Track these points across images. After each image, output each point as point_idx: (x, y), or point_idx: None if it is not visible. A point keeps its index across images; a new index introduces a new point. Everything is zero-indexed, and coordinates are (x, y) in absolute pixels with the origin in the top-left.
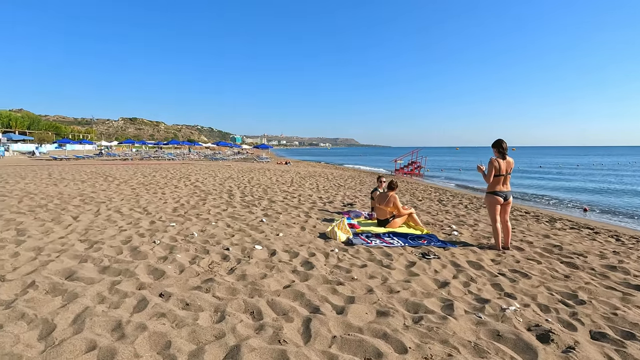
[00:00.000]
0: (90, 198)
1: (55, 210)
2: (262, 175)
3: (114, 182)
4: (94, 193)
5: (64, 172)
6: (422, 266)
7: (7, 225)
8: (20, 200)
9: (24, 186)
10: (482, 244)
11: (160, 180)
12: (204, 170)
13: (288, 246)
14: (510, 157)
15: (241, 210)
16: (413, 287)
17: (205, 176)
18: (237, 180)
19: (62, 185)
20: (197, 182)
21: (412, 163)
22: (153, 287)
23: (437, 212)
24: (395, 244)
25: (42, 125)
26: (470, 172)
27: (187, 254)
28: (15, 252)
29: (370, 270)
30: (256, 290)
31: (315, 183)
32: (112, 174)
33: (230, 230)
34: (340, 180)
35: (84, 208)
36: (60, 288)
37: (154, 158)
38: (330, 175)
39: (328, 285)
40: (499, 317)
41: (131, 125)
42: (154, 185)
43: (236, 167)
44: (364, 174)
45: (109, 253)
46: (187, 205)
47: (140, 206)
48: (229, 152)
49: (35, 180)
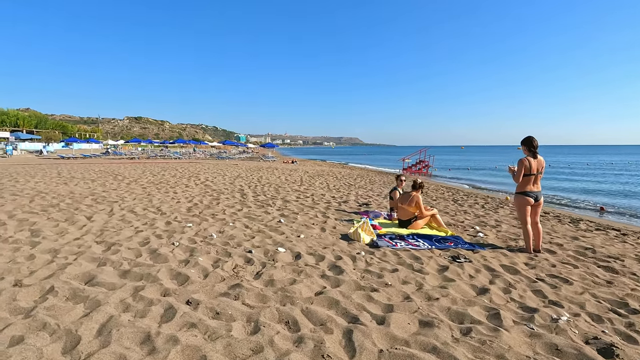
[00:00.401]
0: (102, 197)
1: (68, 210)
2: (270, 175)
3: (124, 181)
4: (105, 192)
5: (73, 171)
6: (456, 270)
7: (20, 225)
8: (32, 199)
9: (35, 185)
10: (510, 246)
11: (170, 179)
12: (212, 169)
13: (311, 248)
14: (541, 156)
15: (257, 210)
16: (452, 294)
17: (214, 175)
18: (247, 179)
19: (72, 184)
20: (207, 181)
21: (420, 162)
22: (179, 294)
23: (455, 213)
24: (422, 247)
25: (49, 124)
26: (480, 172)
27: (209, 257)
28: (31, 255)
29: (403, 275)
30: (287, 297)
31: (325, 182)
32: (121, 173)
33: (250, 232)
34: (350, 179)
35: (96, 208)
36: (81, 294)
37: (161, 157)
38: (339, 174)
39: (362, 291)
40: (551, 328)
41: (136, 124)
42: (164, 184)
43: (243, 166)
44: (372, 173)
45: (128, 256)
46: (200, 205)
47: (154, 206)
48: (234, 151)
49: (45, 179)
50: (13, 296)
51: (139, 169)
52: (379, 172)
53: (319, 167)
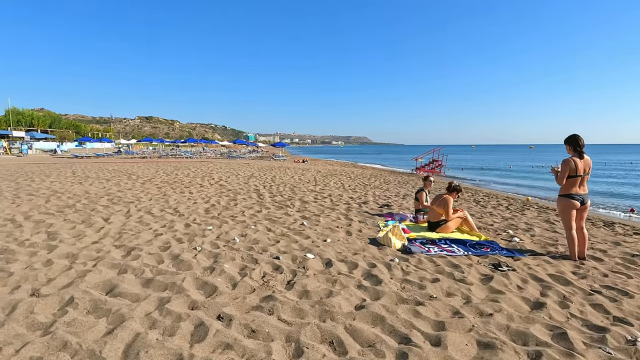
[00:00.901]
0: (118, 198)
1: (84, 211)
2: (283, 174)
3: (138, 181)
4: (121, 192)
5: (87, 170)
6: (501, 280)
7: (37, 227)
8: (48, 199)
9: (50, 185)
10: (551, 252)
11: (183, 179)
12: (224, 169)
13: (341, 254)
14: (588, 156)
15: (276, 211)
16: (505, 309)
17: (227, 174)
18: (261, 179)
19: (87, 183)
20: (221, 180)
21: (433, 161)
22: (208, 307)
23: (480, 215)
24: (458, 253)
25: (62, 124)
26: (494, 172)
27: (235, 264)
28: (48, 260)
29: (445, 285)
30: (326, 312)
31: (340, 182)
32: (134, 172)
33: (273, 235)
34: (363, 179)
35: (113, 209)
36: (103, 307)
37: (172, 156)
38: (352, 174)
39: (406, 305)
40: (630, 353)
41: (147, 123)
42: (179, 184)
43: (255, 165)
44: (384, 172)
45: (149, 262)
46: (218, 206)
47: (171, 207)
48: (244, 150)
49: (60, 178)
50: (31, 308)
51: (152, 168)
52: (391, 171)
53: (330, 166)
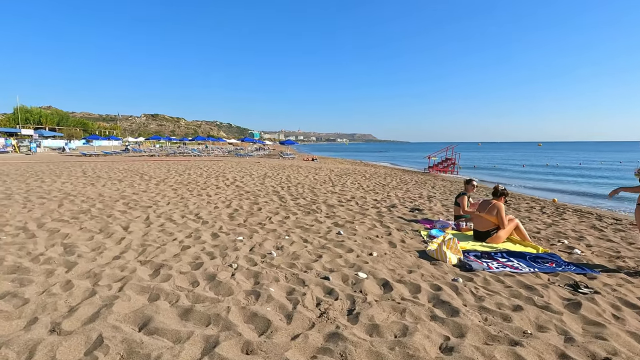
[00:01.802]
0: (134, 201)
1: (100, 218)
2: (297, 173)
3: (152, 182)
4: (136, 195)
5: (97, 170)
6: (591, 307)
7: (51, 238)
8: (60, 203)
9: (61, 186)
10: (622, 267)
11: (197, 180)
12: (235, 168)
13: (395, 272)
14: None
15: (304, 217)
16: (619, 350)
17: (241, 174)
18: (276, 179)
19: (99, 185)
20: (237, 181)
21: (446, 160)
22: (267, 352)
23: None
24: (523, 269)
25: (70, 121)
26: (508, 171)
27: (280, 286)
28: (68, 282)
29: (532, 315)
30: (411, 357)
31: (357, 182)
32: (145, 172)
33: (312, 248)
34: (379, 178)
35: (131, 214)
36: (140, 351)
37: (180, 154)
38: (365, 173)
39: (500, 345)
40: None
41: (153, 121)
42: (194, 185)
43: (266, 164)
44: (398, 171)
45: (182, 284)
46: (241, 211)
47: (192, 212)
48: (250, 148)
49: (71, 178)
50: (52, 353)
51: (163, 168)
52: (404, 170)
53: (341, 165)
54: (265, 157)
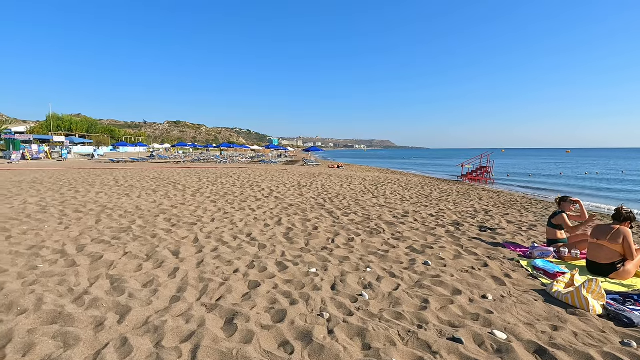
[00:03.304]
0: (176, 217)
1: (144, 238)
2: (330, 182)
3: (187, 192)
4: (175, 208)
5: (129, 177)
6: None
7: (94, 267)
8: (98, 218)
9: (96, 197)
10: None
11: (232, 189)
12: (264, 175)
13: (536, 329)
14: None
15: (371, 239)
16: None
17: (274, 183)
18: (312, 189)
19: (134, 195)
20: (273, 191)
21: (480, 168)
22: None
23: None
24: None
25: (98, 128)
26: (546, 178)
27: (401, 354)
28: (123, 340)
29: None
30: None
31: (397, 193)
32: (178, 181)
33: (406, 286)
34: (417, 188)
35: (176, 234)
36: None
37: (204, 161)
38: (399, 182)
39: None
40: None
41: (175, 128)
42: (231, 197)
43: (294, 171)
44: (431, 180)
45: (271, 347)
46: (296, 230)
47: (242, 231)
48: (271, 155)
49: (105, 188)
50: None
51: (193, 176)
52: (436, 179)
53: (369, 172)
54: (289, 164)
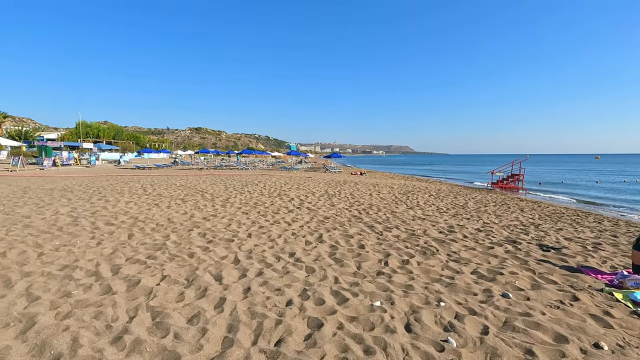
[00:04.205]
0: (210, 232)
1: (181, 258)
2: (358, 191)
3: (216, 202)
4: (208, 221)
5: (156, 185)
6: None
7: (132, 296)
8: (130, 232)
9: (126, 207)
10: None
11: (262, 199)
12: (289, 183)
13: None
14: None
15: (428, 262)
16: None
17: (302, 192)
18: (342, 199)
19: (164, 205)
20: (304, 202)
21: (512, 175)
22: None
23: None
24: None
25: (124, 135)
26: (583, 187)
27: None
28: None
29: None
30: None
31: (430, 203)
32: (205, 189)
33: (495, 329)
34: (449, 197)
35: (215, 253)
36: None
37: (226, 167)
38: (428, 190)
39: None
40: None
41: (197, 134)
42: (262, 207)
43: (318, 179)
44: (460, 188)
45: None
46: (341, 248)
47: (283, 250)
48: (291, 161)
49: (134, 197)
50: None
51: (219, 184)
52: (466, 187)
53: (394, 179)
54: (310, 171)
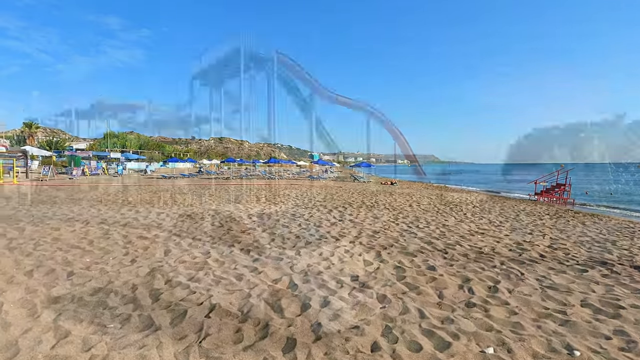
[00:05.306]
0: (255, 249)
1: (228, 281)
2: (397, 202)
3: (252, 212)
4: (248, 235)
5: (185, 195)
6: None
7: (179, 333)
8: (167, 248)
9: (158, 218)
10: None
11: (299, 211)
12: (322, 193)
13: None
14: None
15: (520, 289)
16: None
17: (338, 202)
18: (384, 210)
19: (197, 217)
20: (343, 213)
21: (557, 185)
22: None
23: None
24: None
25: (150, 145)
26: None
27: None
28: None
29: None
30: None
31: (481, 216)
32: (236, 199)
33: None
34: (494, 208)
35: (265, 275)
36: None
37: (252, 176)
38: (469, 202)
39: None
40: None
41: (220, 144)
42: (301, 219)
43: (349, 188)
44: (501, 199)
45: None
46: (407, 269)
47: (342, 271)
48: (316, 170)
49: (165, 208)
50: None
51: (251, 194)
52: (506, 198)
53: (426, 189)
54: (338, 181)
